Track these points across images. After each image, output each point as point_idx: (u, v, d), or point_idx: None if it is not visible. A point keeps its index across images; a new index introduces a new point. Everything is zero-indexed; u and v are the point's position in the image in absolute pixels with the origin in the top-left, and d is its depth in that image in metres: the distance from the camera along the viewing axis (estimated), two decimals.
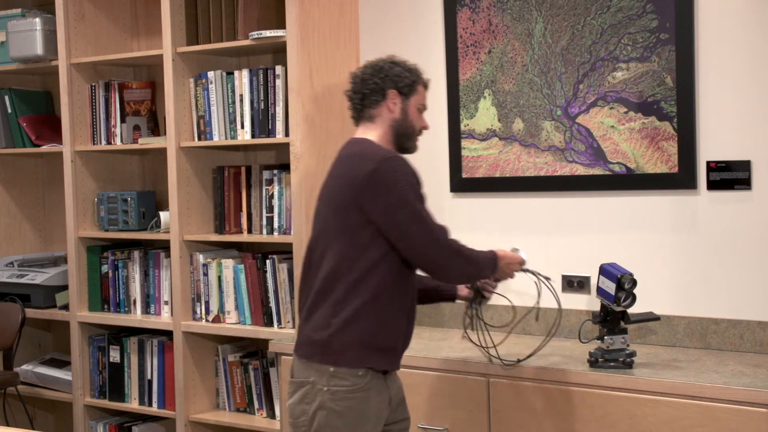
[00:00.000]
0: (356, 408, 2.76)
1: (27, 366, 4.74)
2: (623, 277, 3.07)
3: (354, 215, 2.75)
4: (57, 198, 4.85)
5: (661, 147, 3.39)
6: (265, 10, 3.93)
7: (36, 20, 4.45)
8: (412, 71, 2.94)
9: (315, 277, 2.83)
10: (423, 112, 2.96)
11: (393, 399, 2.88)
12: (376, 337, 2.78)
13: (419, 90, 2.94)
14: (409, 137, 2.92)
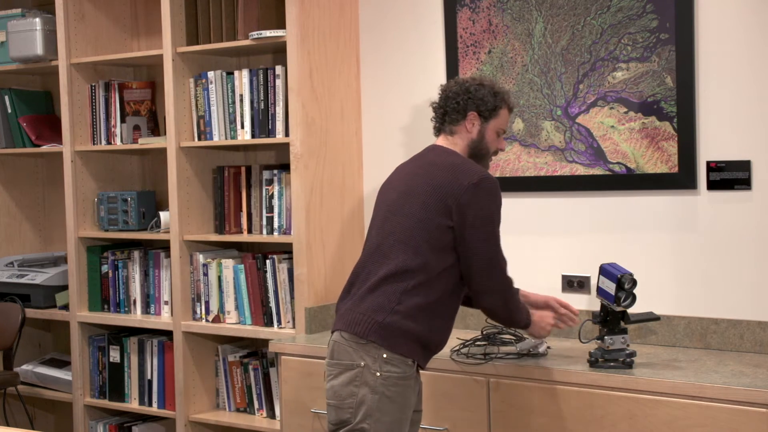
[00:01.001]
0: (404, 394, 2.89)
1: (27, 366, 4.74)
2: (623, 277, 3.08)
3: (442, 219, 2.88)
4: (57, 198, 4.85)
5: (661, 147, 3.39)
6: (265, 10, 3.93)
7: (36, 20, 4.45)
8: (498, 95, 3.04)
9: (383, 263, 2.93)
10: (503, 135, 3.10)
11: (418, 393, 3.04)
12: (429, 335, 2.93)
13: (501, 114, 3.05)
14: (483, 158, 3.06)
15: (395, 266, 2.89)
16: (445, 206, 2.88)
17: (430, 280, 2.89)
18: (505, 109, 3.07)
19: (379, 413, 2.85)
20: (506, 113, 3.08)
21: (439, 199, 2.89)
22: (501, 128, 3.08)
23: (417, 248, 2.88)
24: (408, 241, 2.90)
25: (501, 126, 3.07)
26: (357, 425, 2.85)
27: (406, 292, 2.87)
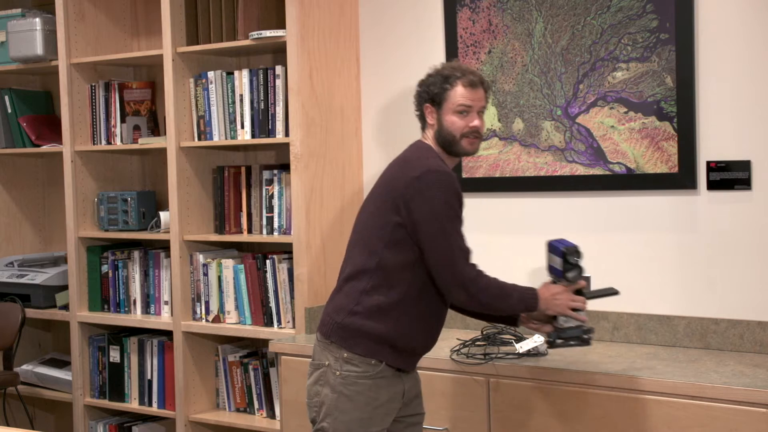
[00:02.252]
0: (365, 394, 2.83)
1: (27, 366, 4.74)
2: (567, 249, 2.94)
3: (391, 215, 2.82)
4: (57, 198, 4.85)
5: (661, 147, 3.39)
6: (265, 10, 3.93)
7: (36, 20, 4.45)
8: (442, 74, 2.90)
9: (348, 263, 2.93)
10: (466, 112, 2.87)
11: (407, 393, 2.92)
12: (394, 336, 2.83)
13: (451, 95, 2.87)
14: (453, 144, 2.90)
15: (354, 266, 2.87)
16: (393, 202, 2.81)
17: (389, 279, 2.81)
18: (457, 86, 2.86)
19: (337, 412, 2.83)
20: (460, 90, 2.86)
21: (388, 195, 2.84)
22: (457, 107, 2.86)
23: (373, 247, 2.83)
24: (366, 240, 2.86)
25: (455, 104, 2.86)
26: (319, 424, 2.86)
27: (364, 292, 2.83)
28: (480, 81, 2.91)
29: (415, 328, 2.87)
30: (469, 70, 2.92)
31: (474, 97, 2.88)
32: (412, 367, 2.95)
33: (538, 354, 3.29)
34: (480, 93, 2.90)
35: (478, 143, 2.93)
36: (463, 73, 2.89)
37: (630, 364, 3.13)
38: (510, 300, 2.84)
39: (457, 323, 3.83)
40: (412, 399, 2.98)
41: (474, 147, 2.92)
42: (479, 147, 2.95)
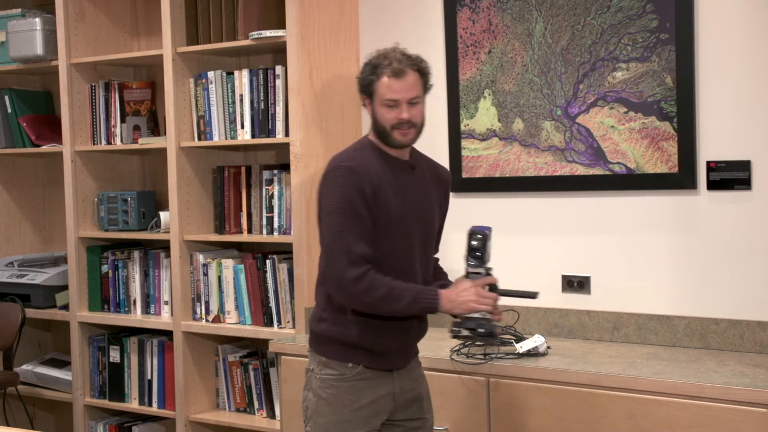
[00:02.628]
0: (343, 396, 2.80)
1: (27, 366, 4.74)
2: (472, 236, 2.83)
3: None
4: (57, 198, 4.85)
5: (661, 147, 3.39)
6: (265, 10, 3.93)
7: (36, 20, 4.45)
8: (371, 64, 2.77)
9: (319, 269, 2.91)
10: (399, 104, 2.74)
11: (398, 395, 2.87)
12: (363, 339, 2.79)
13: (378, 86, 2.74)
14: (385, 135, 2.77)
15: (320, 271, 2.86)
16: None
17: None
18: (383, 77, 2.73)
19: (316, 415, 2.83)
20: (385, 81, 2.73)
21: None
22: (385, 99, 2.73)
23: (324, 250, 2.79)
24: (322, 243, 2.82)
25: (383, 97, 2.73)
26: (305, 429, 2.88)
27: (328, 297, 2.81)
28: (410, 67, 2.76)
29: (382, 328, 2.80)
30: (397, 56, 2.76)
31: (401, 88, 2.73)
32: (399, 365, 2.87)
33: (538, 354, 3.29)
34: (408, 81, 2.74)
35: (413, 133, 2.78)
36: (390, 62, 2.74)
37: (630, 364, 3.13)
38: (400, 303, 2.71)
39: None
40: (410, 402, 2.91)
41: (408, 138, 2.78)
42: (414, 136, 2.79)
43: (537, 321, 3.65)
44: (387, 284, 2.70)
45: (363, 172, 2.72)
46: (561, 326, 3.61)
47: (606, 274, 3.55)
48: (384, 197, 2.73)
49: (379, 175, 2.74)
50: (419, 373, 2.99)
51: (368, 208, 2.71)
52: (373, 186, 2.72)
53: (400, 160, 2.83)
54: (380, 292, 2.69)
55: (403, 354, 2.90)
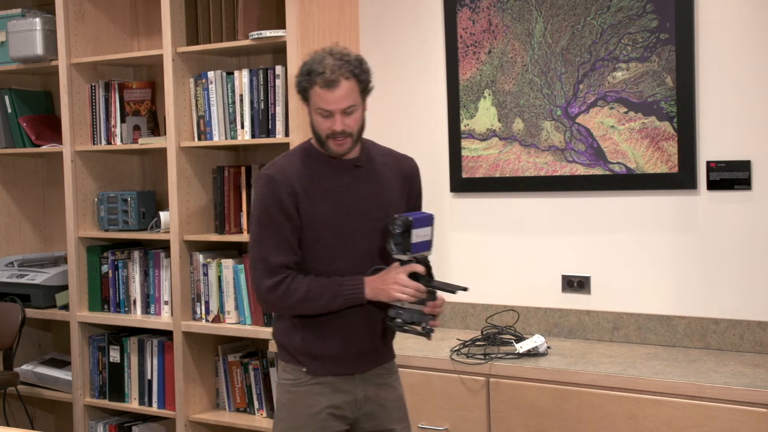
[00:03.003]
0: (299, 402, 2.77)
1: (27, 366, 4.74)
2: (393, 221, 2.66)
3: None
4: (57, 198, 4.85)
5: (661, 147, 3.39)
6: (265, 10, 3.93)
7: (36, 20, 4.45)
8: (307, 68, 2.65)
9: None
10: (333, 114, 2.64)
11: (362, 402, 2.77)
12: (306, 343, 2.76)
13: (312, 93, 2.65)
14: (321, 142, 2.70)
15: None
16: None
17: None
18: (315, 87, 2.62)
19: (276, 420, 2.84)
20: (317, 91, 2.62)
21: None
22: (319, 109, 2.64)
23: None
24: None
25: (316, 106, 2.64)
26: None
27: None
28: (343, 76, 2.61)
29: (324, 332, 2.74)
30: (331, 64, 2.61)
31: (332, 99, 2.61)
32: (354, 370, 2.76)
33: (538, 354, 3.29)
34: (342, 91, 2.61)
35: (349, 142, 2.67)
36: (323, 70, 2.61)
37: (630, 364, 3.13)
38: (319, 301, 2.66)
39: (457, 323, 3.84)
40: (376, 410, 2.79)
41: (343, 148, 2.68)
42: (351, 144, 2.68)
43: (537, 321, 3.65)
44: (305, 286, 2.66)
45: (281, 179, 2.68)
46: (561, 326, 3.62)
47: (606, 274, 3.55)
48: (309, 202, 2.68)
49: (303, 181, 2.69)
50: (389, 381, 2.84)
51: (288, 216, 2.67)
52: (294, 192, 2.67)
53: (341, 160, 2.73)
54: (297, 295, 2.66)
55: (356, 358, 2.77)
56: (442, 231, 3.84)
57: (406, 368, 3.34)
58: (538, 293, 3.67)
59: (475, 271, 3.81)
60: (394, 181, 2.81)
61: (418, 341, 3.59)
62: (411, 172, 2.88)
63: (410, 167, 2.88)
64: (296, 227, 2.69)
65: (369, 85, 2.71)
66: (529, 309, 3.67)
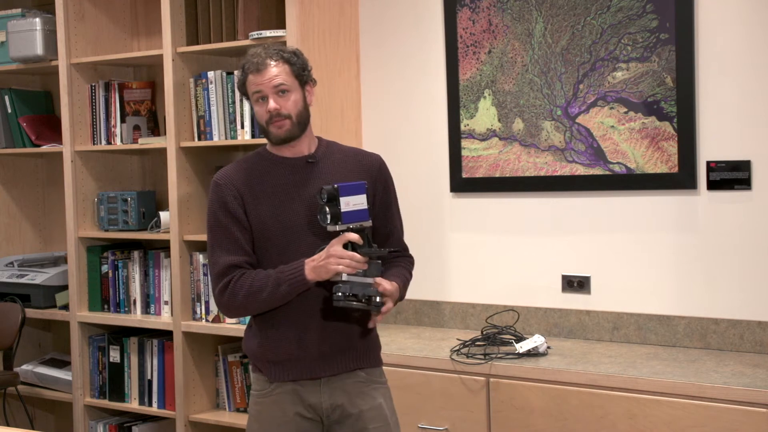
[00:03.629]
0: (265, 412, 2.72)
1: (27, 366, 4.74)
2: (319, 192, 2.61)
3: None
4: (57, 198, 4.85)
5: (661, 147, 3.39)
6: (265, 10, 3.93)
7: (36, 20, 4.45)
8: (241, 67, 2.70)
9: None
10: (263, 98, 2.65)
11: (327, 409, 2.70)
12: (264, 349, 2.71)
13: (248, 82, 2.67)
14: (266, 133, 2.69)
15: None
16: None
17: None
18: (249, 75, 2.66)
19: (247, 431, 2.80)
20: (250, 78, 2.66)
21: None
22: (254, 94, 2.66)
23: None
24: None
25: (252, 92, 2.67)
26: None
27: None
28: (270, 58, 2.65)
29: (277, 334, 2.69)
30: (258, 51, 2.67)
31: (262, 80, 2.64)
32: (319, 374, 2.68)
33: (538, 354, 3.29)
34: (269, 72, 2.63)
35: (287, 124, 2.65)
36: (251, 57, 2.67)
37: (630, 364, 3.13)
38: (263, 292, 2.60)
39: (457, 323, 3.84)
40: (347, 420, 2.70)
41: (282, 130, 2.66)
42: (291, 127, 2.66)
43: (537, 321, 3.66)
44: (249, 281, 2.63)
45: (225, 183, 2.69)
46: (561, 326, 3.62)
47: (606, 274, 3.55)
48: (255, 201, 2.67)
49: (249, 181, 2.69)
50: (366, 389, 2.73)
51: (234, 217, 2.66)
52: (239, 194, 2.67)
53: (291, 158, 2.71)
54: (243, 291, 2.62)
55: (318, 360, 2.68)
56: (442, 231, 3.84)
57: (406, 368, 3.34)
58: (538, 293, 3.67)
59: (475, 271, 3.81)
60: (354, 176, 2.72)
61: (419, 341, 3.59)
62: (373, 165, 2.79)
63: (373, 160, 2.80)
64: (245, 228, 2.67)
65: (304, 72, 2.71)
66: (529, 309, 3.67)
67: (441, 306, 3.87)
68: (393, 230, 2.81)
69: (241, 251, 2.66)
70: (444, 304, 3.86)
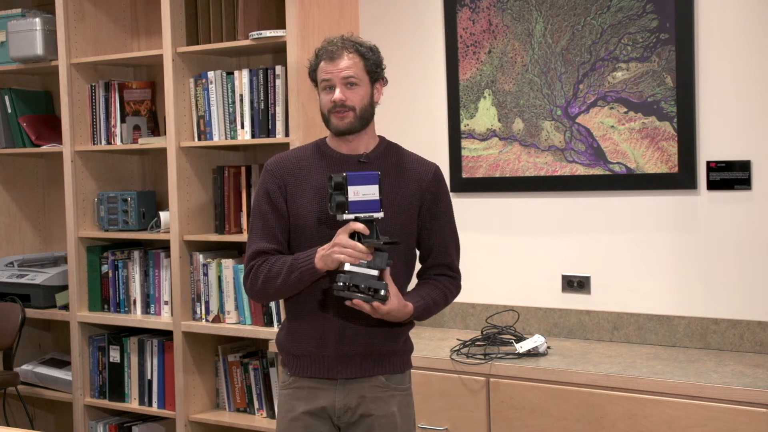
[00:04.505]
0: (283, 405, 2.73)
1: (27, 366, 4.74)
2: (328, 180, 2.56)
3: None
4: (57, 198, 4.85)
5: (661, 147, 3.39)
6: (265, 10, 3.93)
7: (36, 20, 4.45)
8: (315, 54, 2.73)
9: None
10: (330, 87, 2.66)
11: (340, 411, 2.67)
12: (288, 342, 2.72)
13: (319, 69, 2.69)
14: (326, 122, 2.68)
15: None
16: None
17: None
18: (321, 62, 2.69)
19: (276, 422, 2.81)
20: (322, 65, 2.68)
21: None
22: (323, 82, 2.67)
23: None
24: None
25: (321, 79, 2.68)
26: None
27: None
28: (345, 49, 2.67)
29: (298, 327, 2.69)
30: (332, 40, 2.70)
31: (333, 69, 2.65)
32: (335, 374, 2.66)
33: (538, 354, 3.29)
34: (341, 62, 2.65)
35: (349, 116, 2.64)
36: (327, 45, 2.69)
37: (630, 364, 3.13)
38: (279, 277, 2.60)
39: (457, 323, 3.84)
40: (359, 424, 2.66)
41: (343, 122, 2.65)
42: (353, 120, 2.65)
43: (537, 321, 3.66)
44: (268, 266, 2.62)
45: (273, 170, 2.70)
46: (561, 326, 3.62)
47: (606, 274, 3.55)
48: (298, 193, 2.66)
49: (296, 172, 2.68)
50: (383, 396, 2.68)
51: (274, 205, 2.67)
52: (283, 183, 2.67)
53: (344, 155, 2.70)
54: (262, 276, 2.63)
55: (336, 361, 2.66)
56: None
57: None
58: (538, 293, 3.67)
59: (475, 271, 3.81)
60: (406, 183, 2.69)
61: (419, 341, 3.59)
62: (426, 174, 2.73)
63: (426, 169, 2.75)
64: (282, 217, 2.67)
65: (378, 68, 2.73)
66: (529, 309, 3.67)
67: None
68: (438, 244, 2.72)
69: (273, 239, 2.66)
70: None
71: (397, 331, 2.68)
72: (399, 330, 2.69)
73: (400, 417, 2.69)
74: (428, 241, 2.73)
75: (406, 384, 2.74)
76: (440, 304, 2.71)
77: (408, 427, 2.72)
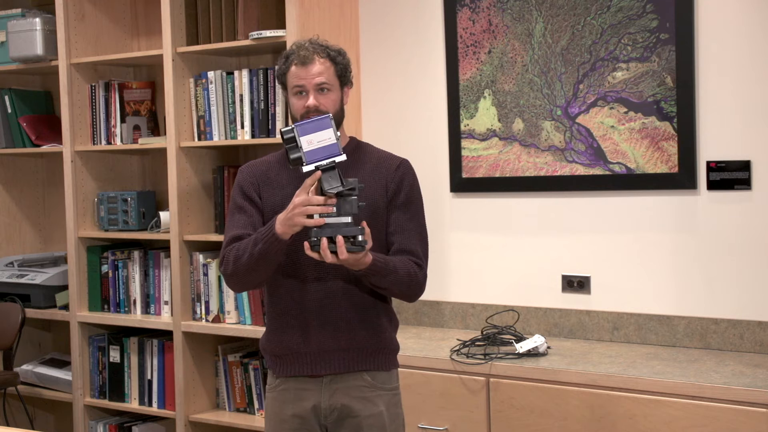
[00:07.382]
0: (270, 408, 2.73)
1: (27, 366, 4.74)
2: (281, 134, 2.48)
3: None
4: (57, 198, 4.85)
5: (661, 147, 3.39)
6: (265, 10, 3.93)
7: (36, 20, 4.45)
8: (284, 56, 2.68)
9: None
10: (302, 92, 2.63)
11: (326, 409, 2.65)
12: (270, 342, 2.71)
13: (288, 75, 2.66)
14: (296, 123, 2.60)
15: None
16: None
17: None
18: (291, 66, 2.64)
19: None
20: (293, 70, 2.64)
21: None
22: (295, 87, 2.64)
23: None
24: None
25: (293, 85, 2.64)
26: None
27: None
28: (318, 54, 2.64)
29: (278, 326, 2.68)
30: (305, 44, 2.66)
31: (306, 74, 2.62)
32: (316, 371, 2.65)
33: (538, 354, 3.29)
34: (313, 68, 2.62)
35: None
36: (297, 49, 2.65)
37: (630, 364, 3.13)
38: (246, 252, 2.55)
39: (457, 323, 3.84)
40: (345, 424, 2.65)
41: None
42: None
43: (537, 321, 3.66)
44: (237, 246, 2.60)
45: (247, 171, 2.75)
46: (561, 326, 3.62)
47: (606, 274, 3.55)
48: (270, 191, 2.68)
49: (268, 172, 2.71)
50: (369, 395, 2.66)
51: (248, 198, 2.70)
52: (257, 182, 2.70)
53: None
54: (232, 257, 2.59)
55: (319, 356, 2.65)
56: (442, 231, 3.84)
57: (406, 368, 3.34)
58: (538, 293, 3.67)
59: (475, 271, 3.81)
60: (375, 179, 2.68)
61: (419, 341, 3.59)
62: (391, 165, 2.71)
63: (393, 162, 2.72)
64: (258, 208, 2.69)
65: (346, 73, 2.71)
66: (529, 309, 3.67)
67: (441, 306, 3.87)
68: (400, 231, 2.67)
69: (248, 226, 2.65)
70: (444, 304, 3.86)
71: (377, 325, 2.66)
72: (378, 323, 2.67)
73: (388, 417, 2.67)
74: (391, 228, 2.68)
75: (393, 383, 2.72)
76: (401, 275, 2.58)
77: (396, 427, 2.71)
